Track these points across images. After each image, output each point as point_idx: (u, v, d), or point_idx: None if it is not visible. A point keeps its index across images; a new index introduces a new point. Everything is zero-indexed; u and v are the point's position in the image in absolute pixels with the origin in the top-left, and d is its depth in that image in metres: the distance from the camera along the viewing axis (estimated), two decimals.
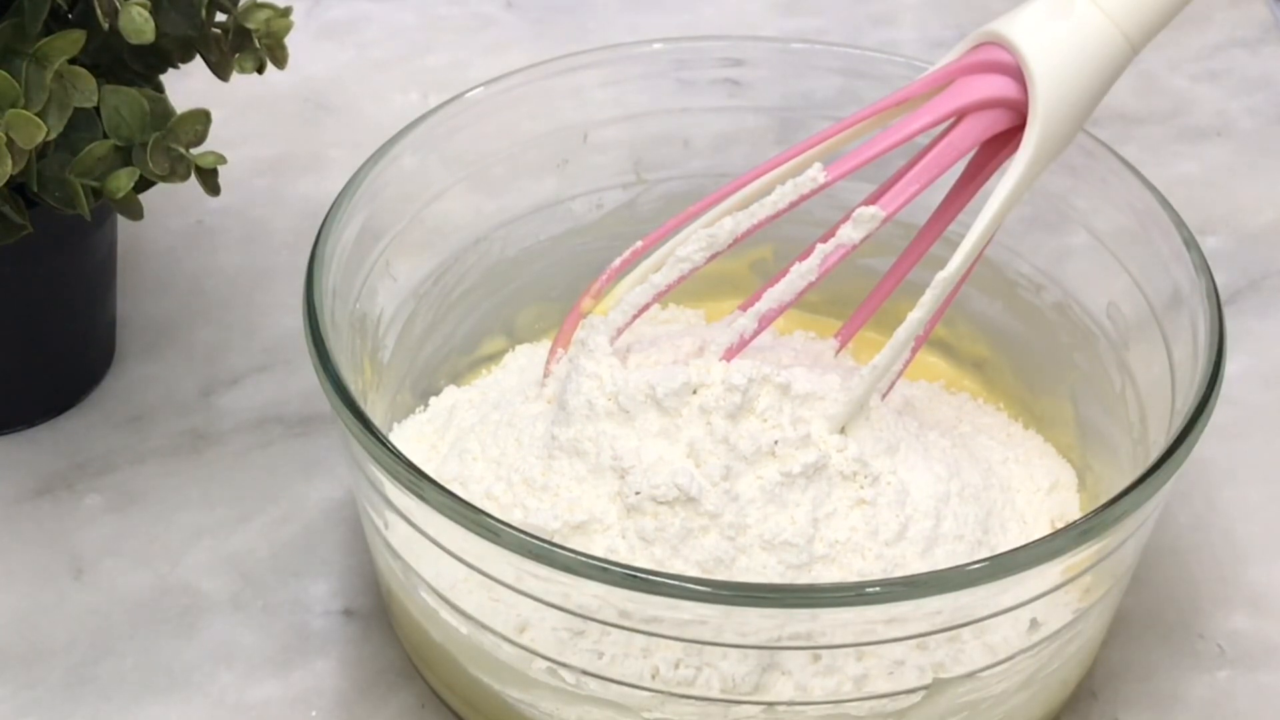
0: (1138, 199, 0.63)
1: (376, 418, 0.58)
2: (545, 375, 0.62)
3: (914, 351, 0.61)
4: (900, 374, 0.62)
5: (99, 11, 0.57)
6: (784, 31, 0.95)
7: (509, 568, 0.52)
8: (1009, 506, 0.61)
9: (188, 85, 0.68)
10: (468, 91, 0.67)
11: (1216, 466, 0.70)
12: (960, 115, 0.58)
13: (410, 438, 0.64)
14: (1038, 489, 0.63)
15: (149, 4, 0.57)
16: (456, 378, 0.69)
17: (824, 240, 0.59)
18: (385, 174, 0.63)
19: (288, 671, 0.62)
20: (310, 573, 0.65)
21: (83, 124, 0.60)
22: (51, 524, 0.67)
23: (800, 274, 0.59)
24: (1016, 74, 0.57)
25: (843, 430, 0.59)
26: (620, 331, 0.61)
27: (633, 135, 0.71)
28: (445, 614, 0.56)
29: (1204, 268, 0.59)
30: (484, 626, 0.55)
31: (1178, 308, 0.60)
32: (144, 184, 0.62)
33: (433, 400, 0.67)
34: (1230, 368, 0.58)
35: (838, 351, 0.64)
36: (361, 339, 0.62)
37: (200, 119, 0.62)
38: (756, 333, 0.60)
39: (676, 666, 0.53)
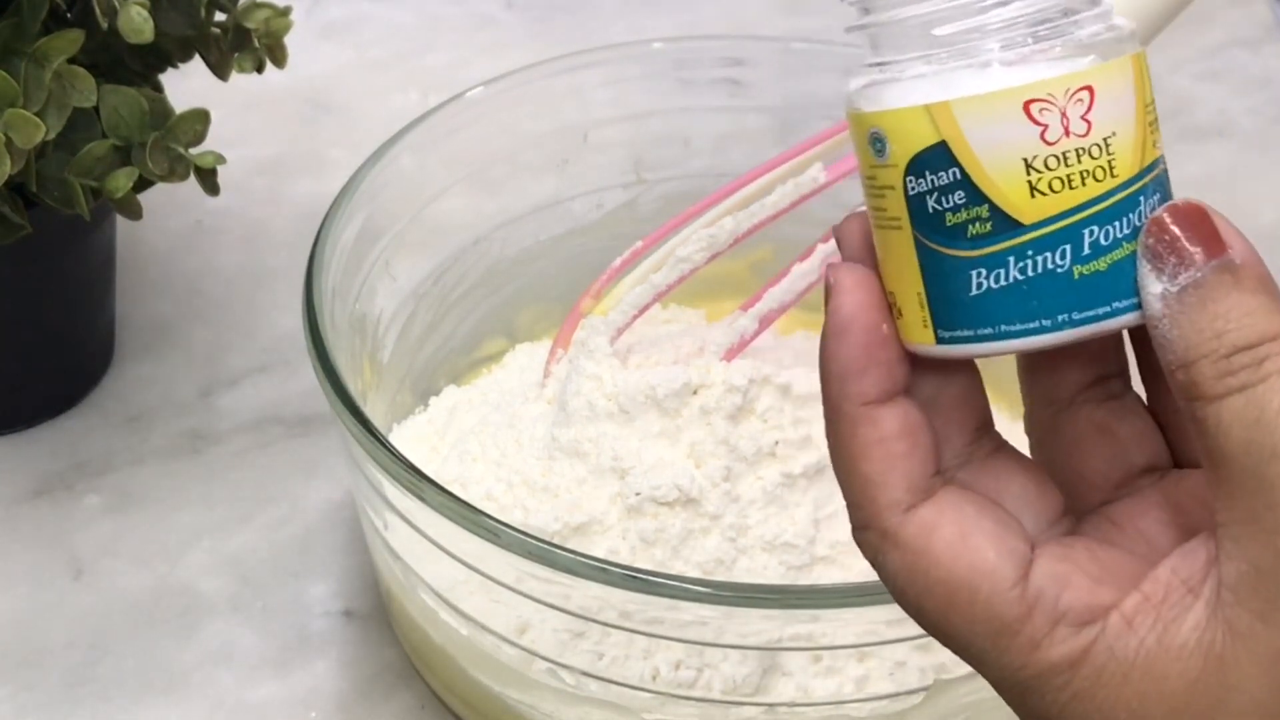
0: None
1: (376, 418, 0.57)
2: (545, 376, 0.62)
3: None
4: None
5: (98, 11, 0.57)
6: (784, 31, 0.94)
7: (509, 569, 0.52)
8: None
9: (187, 85, 0.68)
10: (467, 91, 0.67)
11: None
12: None
13: (410, 439, 0.64)
14: None
15: (148, 3, 0.57)
16: (456, 378, 0.69)
17: (824, 240, 0.59)
18: (385, 174, 0.63)
19: (287, 672, 0.62)
20: (310, 574, 0.65)
21: (82, 124, 0.60)
22: (51, 524, 0.67)
23: (801, 274, 0.59)
24: None
25: None
26: (620, 332, 0.61)
27: (633, 135, 0.71)
28: (445, 615, 0.56)
29: None
30: (484, 628, 0.55)
31: None
32: (143, 184, 0.62)
33: (433, 400, 0.67)
34: None
35: None
36: (361, 339, 0.62)
37: (199, 119, 0.62)
38: (757, 333, 0.60)
39: (677, 668, 0.53)
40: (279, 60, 0.65)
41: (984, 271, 0.34)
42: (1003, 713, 0.56)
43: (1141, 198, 0.34)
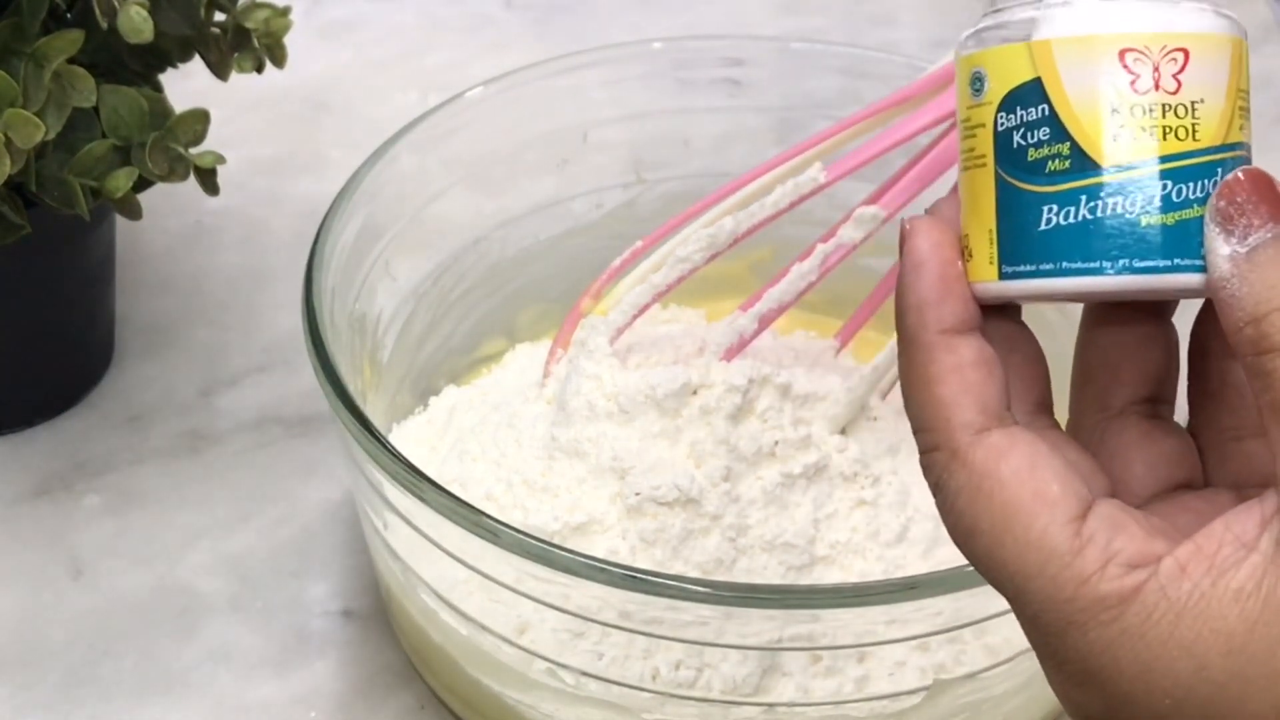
0: None
1: (376, 418, 0.57)
2: (545, 376, 0.62)
3: None
4: None
5: (98, 11, 0.57)
6: (784, 31, 0.95)
7: (509, 569, 0.52)
8: None
9: (187, 85, 0.68)
10: (467, 91, 0.67)
11: None
12: None
13: (410, 439, 0.64)
14: None
15: (147, 3, 0.57)
16: (456, 378, 0.69)
17: (824, 240, 0.59)
18: (384, 174, 0.63)
19: (287, 672, 0.62)
20: (309, 573, 0.65)
21: (81, 124, 0.60)
22: (50, 524, 0.67)
23: (800, 274, 0.59)
24: None
25: (843, 431, 0.58)
26: (620, 332, 0.61)
27: (633, 135, 0.71)
28: (445, 615, 0.56)
29: None
30: (484, 628, 0.55)
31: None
32: (143, 184, 0.62)
33: (432, 400, 0.67)
34: None
35: (838, 351, 0.64)
36: (361, 339, 0.62)
37: (199, 119, 0.62)
38: (757, 333, 0.60)
39: (677, 668, 0.53)
40: (279, 60, 0.65)
41: (1055, 207, 0.36)
42: (1002, 712, 0.56)
43: (1219, 169, 0.36)
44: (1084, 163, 0.35)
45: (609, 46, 0.71)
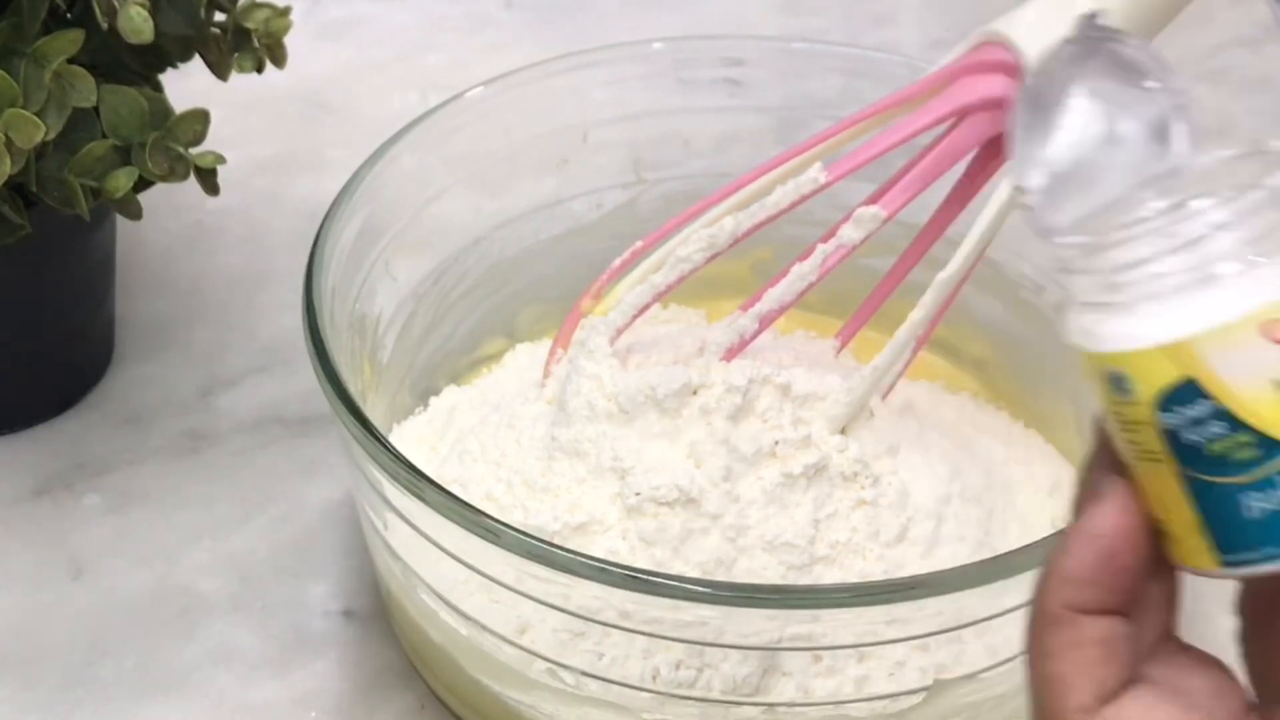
0: None
1: (376, 418, 0.57)
2: (545, 376, 0.62)
3: (915, 352, 0.61)
4: (901, 374, 0.62)
5: (98, 11, 0.57)
6: (784, 31, 0.95)
7: (509, 569, 0.52)
8: (1010, 507, 0.61)
9: (187, 85, 0.68)
10: (467, 91, 0.67)
11: None
12: (961, 115, 0.58)
13: (410, 439, 0.64)
14: (1038, 490, 0.63)
15: (147, 3, 0.57)
16: (456, 378, 0.69)
17: (824, 240, 0.59)
18: (385, 174, 0.63)
19: (287, 672, 0.62)
20: (309, 573, 0.65)
21: (81, 124, 0.60)
22: (50, 524, 0.67)
23: (801, 274, 0.59)
24: (1018, 74, 0.56)
25: (844, 431, 0.58)
26: (620, 332, 0.61)
27: (633, 135, 0.71)
28: (445, 615, 0.56)
29: None
30: (484, 628, 0.55)
31: None
32: (143, 184, 0.62)
33: (433, 401, 0.67)
34: None
35: (838, 351, 0.64)
36: (361, 339, 0.62)
37: (199, 119, 0.62)
38: (757, 333, 0.60)
39: (677, 668, 0.53)
40: (279, 60, 0.65)
41: (1256, 494, 0.35)
42: (1002, 712, 0.56)
43: None
44: (1271, 446, 0.34)
45: (609, 46, 0.71)
